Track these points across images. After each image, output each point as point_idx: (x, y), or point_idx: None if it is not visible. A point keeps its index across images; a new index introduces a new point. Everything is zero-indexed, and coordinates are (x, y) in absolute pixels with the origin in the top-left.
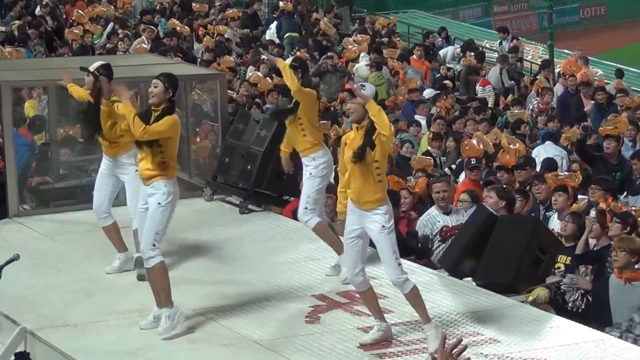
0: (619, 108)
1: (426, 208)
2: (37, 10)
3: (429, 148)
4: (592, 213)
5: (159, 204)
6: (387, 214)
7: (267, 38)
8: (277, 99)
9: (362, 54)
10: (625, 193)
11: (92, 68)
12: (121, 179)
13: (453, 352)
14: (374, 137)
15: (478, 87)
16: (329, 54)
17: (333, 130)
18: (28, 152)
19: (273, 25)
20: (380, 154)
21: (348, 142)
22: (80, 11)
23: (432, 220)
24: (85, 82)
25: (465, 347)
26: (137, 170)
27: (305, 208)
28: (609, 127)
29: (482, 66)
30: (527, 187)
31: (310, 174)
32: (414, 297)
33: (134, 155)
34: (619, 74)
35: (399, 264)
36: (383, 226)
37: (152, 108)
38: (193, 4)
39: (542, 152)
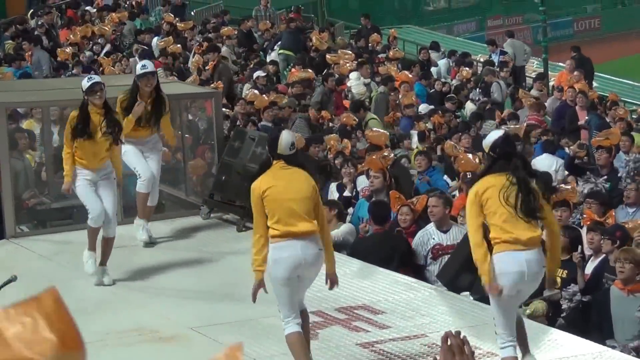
0: (611, 119)
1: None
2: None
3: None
4: (579, 249)
5: None
6: None
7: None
8: (272, 117)
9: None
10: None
11: None
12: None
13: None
14: None
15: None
16: (330, 72)
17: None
18: None
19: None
20: None
21: None
22: (75, 32)
23: (427, 236)
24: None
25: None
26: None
27: None
28: (600, 138)
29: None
30: None
31: None
32: None
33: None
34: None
35: None
36: None
37: None
38: (177, 24)
39: (539, 164)
